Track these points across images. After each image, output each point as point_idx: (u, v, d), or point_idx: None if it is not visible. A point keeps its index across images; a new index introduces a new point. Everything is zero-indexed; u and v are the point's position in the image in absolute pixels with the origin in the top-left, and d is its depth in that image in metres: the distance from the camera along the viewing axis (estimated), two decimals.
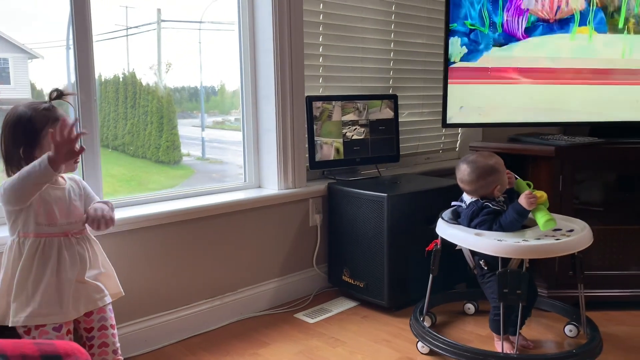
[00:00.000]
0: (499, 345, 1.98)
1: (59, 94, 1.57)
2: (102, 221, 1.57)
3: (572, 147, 2.40)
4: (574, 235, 1.89)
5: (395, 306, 2.41)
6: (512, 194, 2.00)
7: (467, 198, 2.03)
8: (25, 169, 1.41)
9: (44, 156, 1.39)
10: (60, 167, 1.43)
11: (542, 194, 1.87)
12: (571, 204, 2.40)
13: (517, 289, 1.79)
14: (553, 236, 1.88)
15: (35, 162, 1.40)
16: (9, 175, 1.51)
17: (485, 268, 1.96)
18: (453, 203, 2.11)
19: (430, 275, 2.12)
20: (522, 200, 1.85)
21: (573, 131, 2.86)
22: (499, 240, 1.82)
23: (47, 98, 1.59)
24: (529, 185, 1.98)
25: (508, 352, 1.92)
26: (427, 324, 2.18)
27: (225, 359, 2.03)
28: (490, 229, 1.91)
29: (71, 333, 1.54)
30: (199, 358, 2.04)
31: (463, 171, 1.99)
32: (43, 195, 1.50)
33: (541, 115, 2.62)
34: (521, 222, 1.90)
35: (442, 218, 2.08)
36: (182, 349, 2.11)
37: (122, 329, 2.00)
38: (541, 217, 1.86)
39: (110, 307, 1.65)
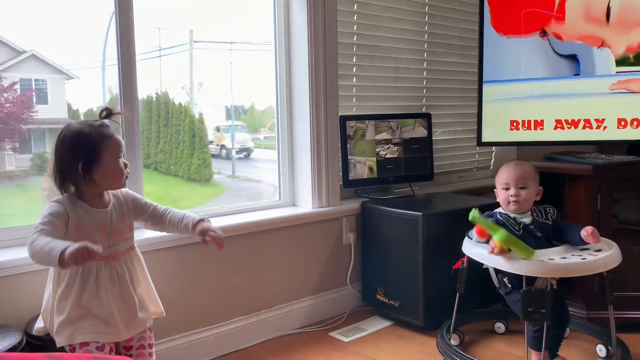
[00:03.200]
0: None
1: (108, 113, 1.60)
2: (219, 242, 1.64)
3: (610, 165, 2.37)
4: (602, 254, 1.86)
5: (431, 326, 2.39)
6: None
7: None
8: (45, 246, 1.35)
9: (60, 249, 1.31)
10: (68, 265, 1.36)
11: (500, 245, 1.79)
12: (610, 223, 2.36)
13: (541, 308, 1.78)
14: (580, 255, 1.86)
15: (52, 250, 1.33)
16: (62, 192, 1.55)
17: (509, 286, 1.95)
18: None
19: (457, 294, 2.14)
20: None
21: (610, 149, 2.83)
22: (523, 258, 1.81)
23: (97, 117, 1.62)
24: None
25: None
26: (454, 342, 2.17)
27: None
28: None
29: (113, 351, 1.56)
30: None
31: None
32: (83, 221, 1.53)
33: (577, 133, 2.59)
34: None
35: (468, 236, 2.08)
36: None
37: (160, 345, 2.03)
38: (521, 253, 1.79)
39: (150, 326, 1.67)
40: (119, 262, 1.58)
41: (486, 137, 2.67)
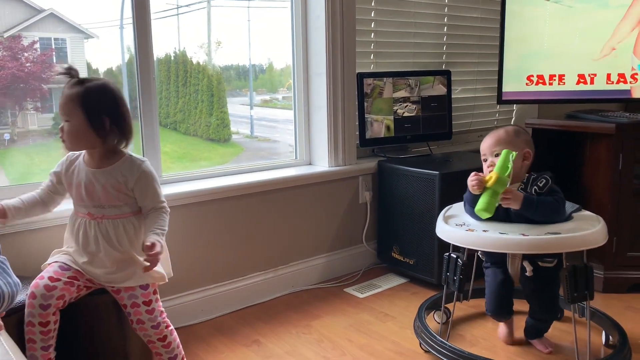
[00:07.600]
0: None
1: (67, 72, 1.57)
2: (154, 260, 1.52)
3: (634, 124, 2.31)
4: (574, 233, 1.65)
5: None
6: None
7: None
8: None
9: None
10: None
11: (489, 177, 1.65)
12: (631, 183, 2.32)
13: (454, 275, 1.82)
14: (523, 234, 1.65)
15: None
16: None
17: (483, 259, 1.92)
18: None
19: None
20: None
21: (634, 108, 2.75)
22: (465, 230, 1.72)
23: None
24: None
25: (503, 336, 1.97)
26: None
27: (279, 329, 2.11)
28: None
29: (79, 280, 1.56)
30: (254, 327, 2.12)
31: None
32: (73, 178, 1.61)
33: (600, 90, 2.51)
34: (470, 204, 1.77)
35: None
36: (237, 319, 2.19)
37: (179, 299, 2.10)
38: (479, 202, 1.67)
39: (140, 285, 1.60)
40: (100, 224, 1.59)
41: (507, 94, 2.62)
